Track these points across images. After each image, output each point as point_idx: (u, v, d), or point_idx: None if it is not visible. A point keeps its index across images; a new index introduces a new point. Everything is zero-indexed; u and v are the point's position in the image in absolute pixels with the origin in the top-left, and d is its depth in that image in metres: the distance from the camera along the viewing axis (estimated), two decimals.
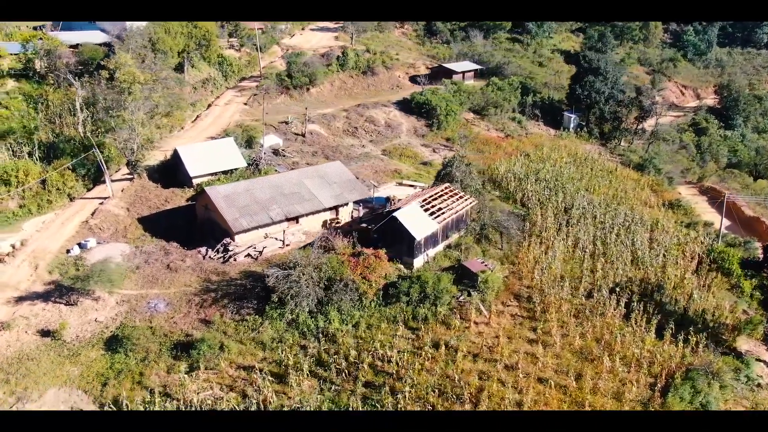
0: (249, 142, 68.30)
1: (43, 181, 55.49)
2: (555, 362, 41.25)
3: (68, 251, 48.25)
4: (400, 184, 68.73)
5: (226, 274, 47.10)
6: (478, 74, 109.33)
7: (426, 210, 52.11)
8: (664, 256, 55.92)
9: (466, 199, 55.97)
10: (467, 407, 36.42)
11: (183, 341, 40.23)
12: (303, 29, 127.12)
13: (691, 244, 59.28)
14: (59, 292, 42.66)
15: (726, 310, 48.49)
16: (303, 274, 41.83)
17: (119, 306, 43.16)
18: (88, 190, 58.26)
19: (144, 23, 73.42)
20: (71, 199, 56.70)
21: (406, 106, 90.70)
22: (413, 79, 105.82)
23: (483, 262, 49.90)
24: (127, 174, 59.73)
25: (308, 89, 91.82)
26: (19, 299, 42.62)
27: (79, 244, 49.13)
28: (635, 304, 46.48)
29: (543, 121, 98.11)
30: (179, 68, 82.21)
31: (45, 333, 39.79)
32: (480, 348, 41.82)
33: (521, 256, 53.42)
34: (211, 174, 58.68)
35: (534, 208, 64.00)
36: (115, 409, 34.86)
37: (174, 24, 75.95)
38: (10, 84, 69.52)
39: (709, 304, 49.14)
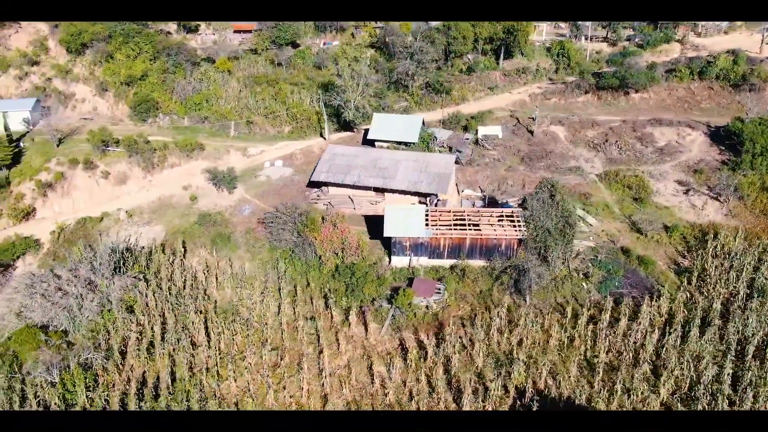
0: (466, 127, 73.03)
1: (308, 119, 79.37)
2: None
3: (264, 164, 71.24)
4: None
5: (298, 208, 60.31)
6: None
7: (446, 221, 49.45)
8: None
9: (516, 230, 48.16)
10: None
11: (224, 234, 57.86)
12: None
13: None
14: (220, 182, 66.33)
15: None
16: (275, 220, 51.96)
17: (235, 202, 63.75)
18: (336, 131, 78.64)
19: None
20: (321, 135, 78.78)
21: (719, 132, 69.71)
22: None
23: (437, 287, 45.22)
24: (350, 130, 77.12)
25: (627, 93, 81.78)
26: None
27: (272, 163, 71.30)
28: None
29: None
30: (498, 54, 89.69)
31: (192, 198, 64.77)
32: (302, 346, 42.87)
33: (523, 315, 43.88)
34: (386, 141, 69.10)
35: (677, 289, 46.65)
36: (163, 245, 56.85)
37: None
38: (369, 53, 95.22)
39: None
